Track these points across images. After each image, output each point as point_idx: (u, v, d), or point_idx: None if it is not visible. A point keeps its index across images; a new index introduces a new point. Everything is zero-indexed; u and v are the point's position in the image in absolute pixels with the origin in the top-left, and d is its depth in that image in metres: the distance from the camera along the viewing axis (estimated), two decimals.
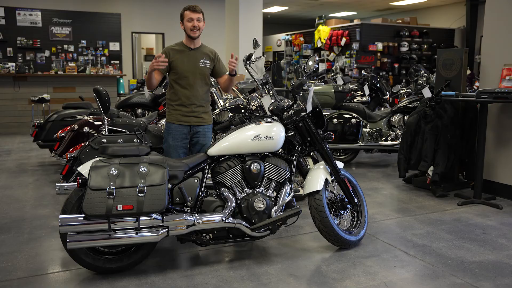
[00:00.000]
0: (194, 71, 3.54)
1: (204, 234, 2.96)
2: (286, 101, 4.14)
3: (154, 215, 2.76)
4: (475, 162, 4.69)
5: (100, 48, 10.93)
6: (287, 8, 14.97)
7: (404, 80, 9.31)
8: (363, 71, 7.96)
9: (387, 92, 7.51)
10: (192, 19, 3.50)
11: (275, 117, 3.30)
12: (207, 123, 3.67)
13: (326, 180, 3.27)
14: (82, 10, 10.93)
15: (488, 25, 4.94)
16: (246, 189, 3.07)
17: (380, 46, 11.09)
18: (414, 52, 11.66)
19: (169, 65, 3.52)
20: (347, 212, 3.43)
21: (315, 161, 3.60)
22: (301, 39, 13.24)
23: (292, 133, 3.31)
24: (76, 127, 5.00)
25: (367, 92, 7.33)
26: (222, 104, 5.20)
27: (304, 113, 3.30)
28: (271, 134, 3.11)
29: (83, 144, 4.44)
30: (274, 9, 15.18)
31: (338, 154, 6.38)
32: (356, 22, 11.52)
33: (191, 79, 3.52)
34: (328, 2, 13.92)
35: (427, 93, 5.60)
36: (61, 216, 2.68)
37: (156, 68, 3.35)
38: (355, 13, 16.13)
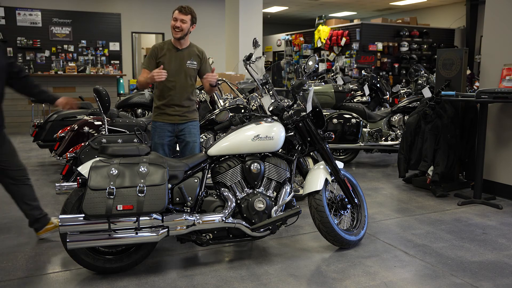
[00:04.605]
0: (180, 72, 3.59)
1: (204, 234, 2.96)
2: (286, 101, 4.14)
3: (154, 215, 2.76)
4: (475, 162, 4.68)
5: (100, 48, 10.93)
6: (287, 8, 14.97)
7: (404, 80, 9.31)
8: (363, 71, 7.96)
9: (387, 92, 7.51)
10: (176, 19, 3.52)
11: (275, 117, 3.30)
12: (192, 120, 3.73)
13: (326, 180, 3.27)
14: (82, 10, 10.93)
15: (488, 25, 4.93)
16: (246, 189, 3.07)
17: (380, 46, 11.09)
18: (414, 52, 11.66)
19: (157, 65, 3.56)
20: (347, 212, 3.43)
21: (315, 161, 3.60)
22: (301, 39, 13.24)
23: (292, 133, 3.31)
24: (76, 127, 5.00)
25: (367, 92, 7.33)
26: (222, 104, 5.20)
27: (304, 113, 3.30)
28: (271, 134, 3.11)
29: (83, 144, 4.44)
30: (274, 9, 15.18)
31: (338, 154, 6.38)
32: (356, 22, 11.53)
33: (177, 80, 3.58)
34: (328, 2, 13.92)
35: (427, 93, 5.60)
36: (61, 216, 2.68)
37: (157, 81, 3.39)
38: (355, 13, 16.13)
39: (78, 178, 2.75)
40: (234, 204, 3.00)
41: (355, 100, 7.34)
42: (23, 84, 3.44)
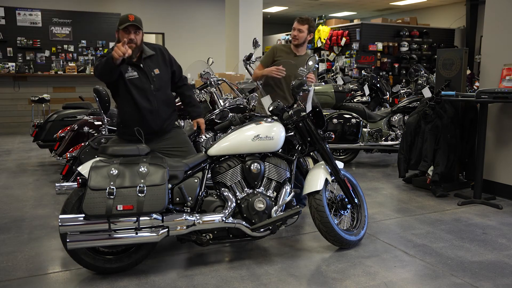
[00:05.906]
0: (291, 76, 3.82)
1: (204, 234, 2.95)
2: None
3: (154, 215, 2.76)
4: (475, 162, 4.69)
5: (100, 48, 10.92)
6: (287, 8, 14.97)
7: (404, 80, 9.31)
8: (363, 71, 7.97)
9: (387, 92, 7.52)
10: (295, 29, 3.87)
11: (275, 117, 3.30)
12: None
13: (326, 180, 3.27)
14: (82, 10, 10.93)
15: (488, 25, 4.93)
16: (246, 189, 3.07)
17: (380, 46, 11.08)
18: (414, 52, 11.65)
19: (272, 63, 3.84)
20: (347, 212, 3.43)
21: (315, 161, 3.60)
22: None
23: (292, 133, 3.31)
24: (76, 127, 5.01)
25: (367, 92, 7.33)
26: (222, 104, 5.20)
27: (304, 113, 3.30)
28: (271, 134, 3.11)
29: (83, 144, 4.44)
30: (274, 9, 15.18)
31: (338, 154, 6.38)
32: (356, 22, 11.52)
33: (287, 81, 3.82)
34: (328, 2, 13.92)
35: (427, 93, 5.61)
36: (61, 216, 2.68)
37: (274, 76, 3.71)
38: (355, 13, 16.13)
39: (78, 178, 2.75)
40: (234, 204, 3.00)
41: (355, 100, 7.34)
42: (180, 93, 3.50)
